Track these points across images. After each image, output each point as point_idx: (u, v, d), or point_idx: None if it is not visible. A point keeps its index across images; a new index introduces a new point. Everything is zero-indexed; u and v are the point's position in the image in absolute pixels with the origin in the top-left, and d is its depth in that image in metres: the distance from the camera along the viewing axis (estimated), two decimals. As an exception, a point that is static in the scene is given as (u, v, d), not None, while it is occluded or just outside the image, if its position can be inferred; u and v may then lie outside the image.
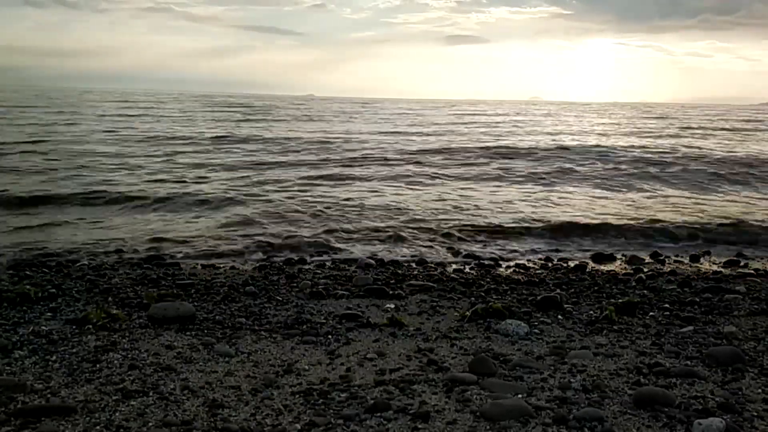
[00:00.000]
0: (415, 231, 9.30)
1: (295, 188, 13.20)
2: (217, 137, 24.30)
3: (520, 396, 3.48)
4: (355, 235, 9.05)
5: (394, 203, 11.54)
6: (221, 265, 7.32)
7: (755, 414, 3.32)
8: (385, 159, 18.94)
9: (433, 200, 12.08)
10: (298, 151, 20.50)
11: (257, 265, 7.36)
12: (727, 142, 27.74)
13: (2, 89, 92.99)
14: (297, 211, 10.55)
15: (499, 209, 11.27)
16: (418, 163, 18.12)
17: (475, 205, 11.57)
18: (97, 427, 3.01)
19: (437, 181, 14.98)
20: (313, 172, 15.66)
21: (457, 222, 9.93)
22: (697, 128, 38.30)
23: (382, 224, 9.68)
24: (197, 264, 7.38)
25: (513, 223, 10.02)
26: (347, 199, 11.81)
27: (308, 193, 12.48)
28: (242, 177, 14.54)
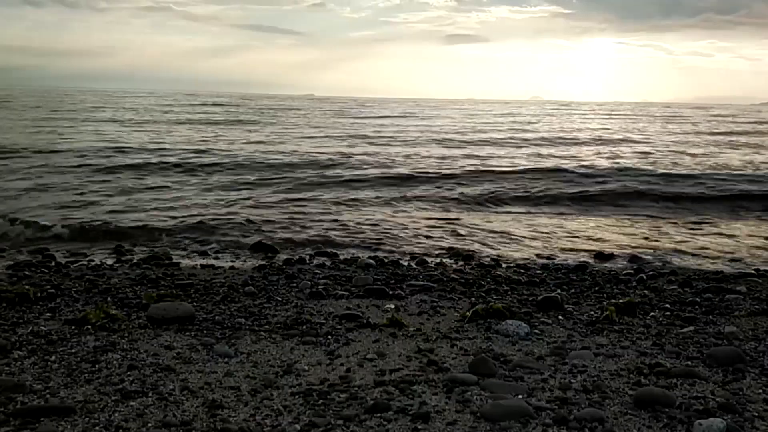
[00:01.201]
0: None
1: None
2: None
3: (520, 396, 3.47)
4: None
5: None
6: (220, 265, 7.32)
7: (756, 414, 3.31)
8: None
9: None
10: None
11: (257, 265, 7.36)
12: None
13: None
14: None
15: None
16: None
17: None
18: (97, 428, 3.00)
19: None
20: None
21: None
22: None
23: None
24: (197, 264, 7.38)
25: None
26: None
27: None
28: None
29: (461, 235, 9.53)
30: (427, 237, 9.36)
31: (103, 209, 10.66)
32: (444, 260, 7.98)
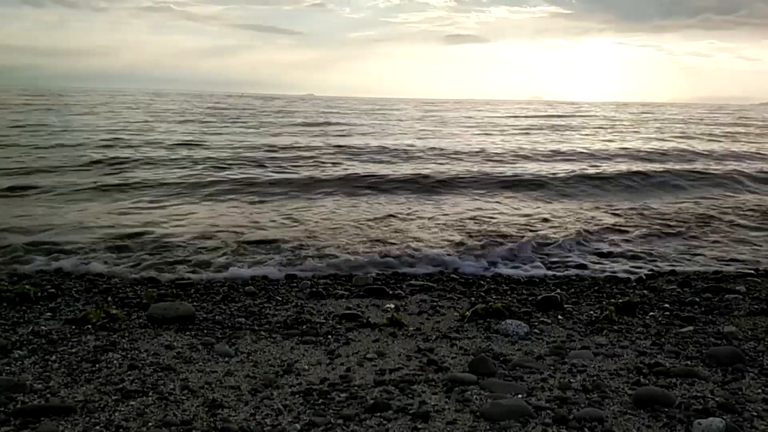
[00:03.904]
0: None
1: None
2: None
3: (520, 396, 3.48)
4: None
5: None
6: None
7: (755, 414, 3.31)
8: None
9: None
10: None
11: (257, 264, 7.35)
12: None
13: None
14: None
15: None
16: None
17: None
18: (97, 427, 3.00)
19: None
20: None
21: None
22: None
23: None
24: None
25: None
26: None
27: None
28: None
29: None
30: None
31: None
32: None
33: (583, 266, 7.56)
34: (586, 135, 29.53)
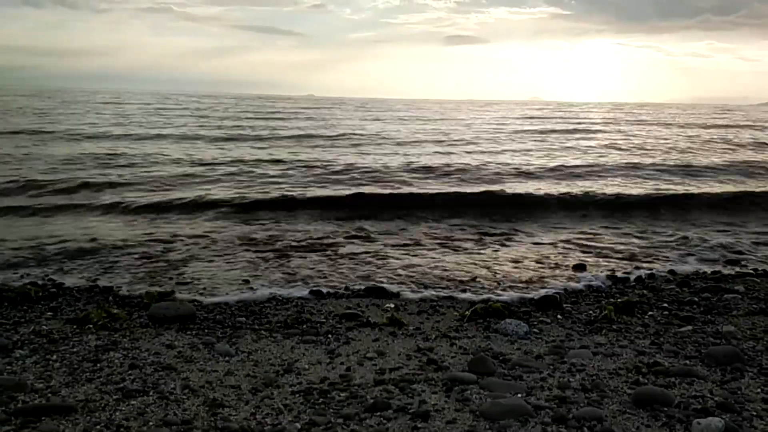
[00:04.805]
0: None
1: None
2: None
3: (519, 395, 3.49)
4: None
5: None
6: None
7: (754, 413, 3.32)
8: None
9: None
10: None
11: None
12: None
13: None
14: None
15: None
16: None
17: None
18: (98, 427, 3.01)
19: None
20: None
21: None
22: None
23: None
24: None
25: None
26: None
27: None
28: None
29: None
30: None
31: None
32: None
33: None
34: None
